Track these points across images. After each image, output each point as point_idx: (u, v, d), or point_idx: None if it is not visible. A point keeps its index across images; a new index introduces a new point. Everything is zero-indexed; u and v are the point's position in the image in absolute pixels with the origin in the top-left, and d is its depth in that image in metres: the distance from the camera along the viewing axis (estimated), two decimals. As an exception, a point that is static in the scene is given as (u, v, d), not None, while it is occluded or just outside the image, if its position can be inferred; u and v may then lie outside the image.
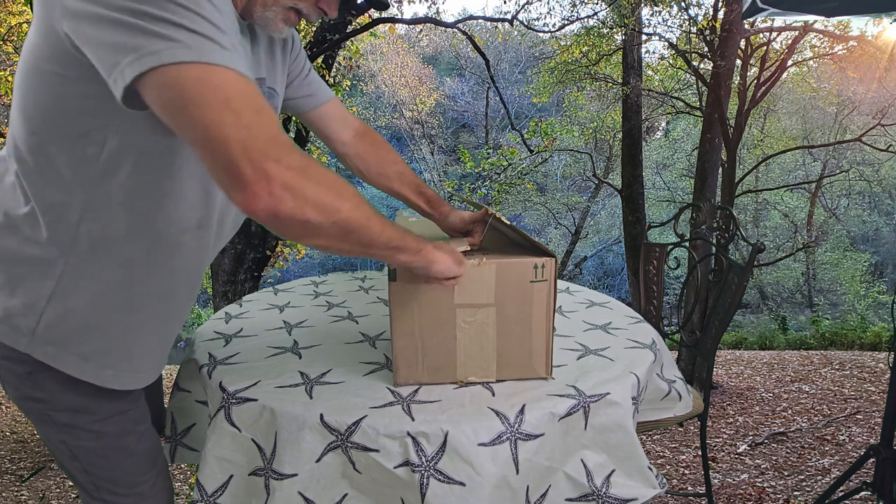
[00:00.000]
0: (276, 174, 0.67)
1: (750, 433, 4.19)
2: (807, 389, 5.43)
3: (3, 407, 7.66)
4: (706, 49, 6.75)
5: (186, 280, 1.01)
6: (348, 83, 6.69)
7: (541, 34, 10.48)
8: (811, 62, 9.67)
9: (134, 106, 0.71)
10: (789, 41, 7.80)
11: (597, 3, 8.01)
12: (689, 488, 3.20)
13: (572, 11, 8.09)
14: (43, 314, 0.91)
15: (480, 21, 10.05)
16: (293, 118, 4.73)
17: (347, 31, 4.77)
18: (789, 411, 4.76)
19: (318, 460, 0.98)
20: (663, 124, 19.15)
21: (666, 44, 7.80)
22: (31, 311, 0.91)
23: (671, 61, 8.82)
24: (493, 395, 1.05)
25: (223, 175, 0.68)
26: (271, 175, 0.67)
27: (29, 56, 0.81)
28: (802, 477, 3.18)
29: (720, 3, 6.54)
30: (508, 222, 1.09)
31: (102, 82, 0.71)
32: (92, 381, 0.96)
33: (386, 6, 1.07)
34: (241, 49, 0.88)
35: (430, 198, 1.28)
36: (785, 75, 9.12)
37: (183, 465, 4.22)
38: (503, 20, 6.62)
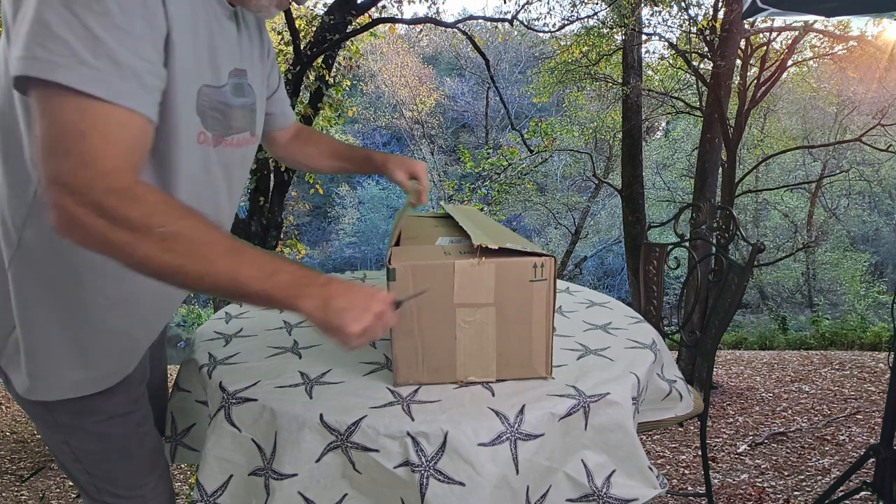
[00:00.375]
0: (64, 203, 0.66)
1: (750, 433, 4.19)
2: (807, 389, 5.43)
3: (3, 407, 7.66)
4: (706, 49, 6.75)
5: (149, 287, 0.87)
6: (348, 83, 6.69)
7: (541, 34, 10.49)
8: (811, 62, 9.67)
9: (22, 91, 0.70)
10: (789, 41, 7.81)
11: (597, 3, 8.01)
12: (689, 488, 3.20)
13: (572, 11, 8.10)
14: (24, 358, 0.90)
15: (480, 21, 10.05)
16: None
17: (347, 31, 4.77)
18: (789, 411, 4.76)
19: (317, 460, 0.98)
20: (663, 124, 19.16)
21: (666, 44, 7.81)
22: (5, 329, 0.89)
23: (671, 61, 8.82)
24: (493, 395, 1.05)
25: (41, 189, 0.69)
26: (60, 203, 0.66)
27: None
28: (802, 477, 3.18)
29: (720, 3, 6.54)
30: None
31: None
32: (78, 394, 0.95)
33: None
34: (207, 28, 0.84)
35: (361, 158, 1.30)
36: (785, 75, 9.12)
37: (183, 465, 4.23)
38: (503, 20, 6.62)
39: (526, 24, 7.64)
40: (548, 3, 13.18)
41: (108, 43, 0.67)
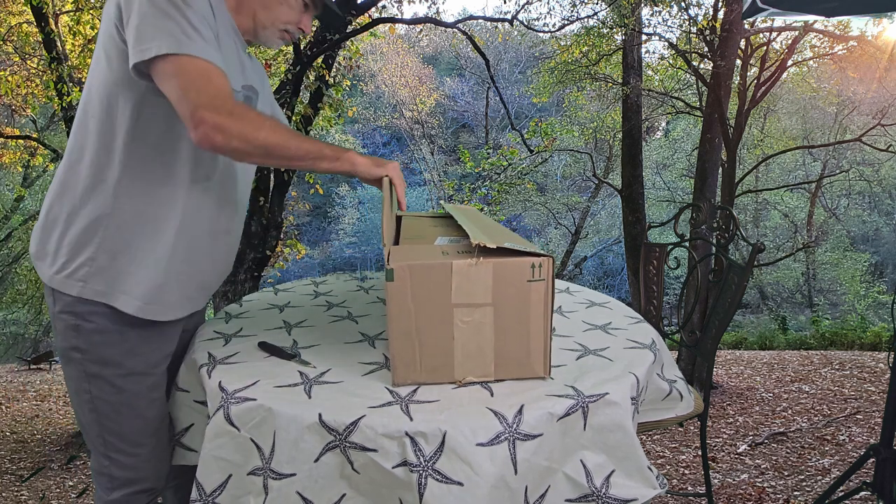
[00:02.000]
0: (209, 119, 1.01)
1: (750, 433, 4.19)
2: (807, 389, 5.43)
3: (3, 407, 7.66)
4: (706, 49, 6.75)
5: (207, 226, 1.24)
6: (348, 83, 6.68)
7: (541, 34, 10.49)
8: (811, 62, 9.67)
9: (142, 77, 1.06)
10: (789, 41, 7.80)
11: (597, 3, 8.01)
12: (689, 488, 3.20)
13: (572, 11, 8.09)
14: (93, 260, 1.15)
15: (480, 21, 10.05)
16: (294, 118, 4.72)
17: (347, 31, 4.77)
18: (789, 411, 4.75)
19: (316, 460, 0.98)
20: (663, 124, 19.16)
21: (666, 44, 7.80)
22: (81, 262, 1.15)
23: (671, 61, 8.82)
24: (492, 395, 1.05)
25: (184, 122, 1.04)
26: (206, 120, 1.01)
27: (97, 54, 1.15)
28: (802, 477, 3.18)
29: (720, 3, 6.54)
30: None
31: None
32: (133, 312, 1.17)
33: (343, 21, 1.42)
34: (229, 49, 1.20)
35: None
36: (785, 75, 9.12)
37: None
38: (503, 20, 6.61)
39: (526, 24, 7.64)
40: (548, 3, 13.20)
41: (203, 33, 1.06)
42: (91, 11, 6.11)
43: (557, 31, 8.26)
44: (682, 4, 6.90)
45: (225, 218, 1.27)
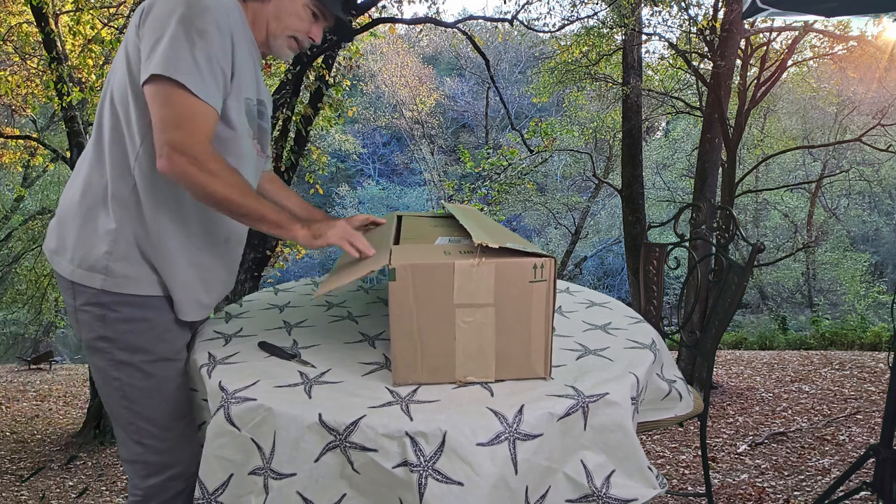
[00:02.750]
0: (174, 160, 1.07)
1: (750, 433, 4.19)
2: (807, 389, 5.43)
3: (3, 407, 7.66)
4: (706, 49, 6.75)
5: (212, 229, 1.29)
6: (348, 83, 6.68)
7: (541, 34, 10.49)
8: (811, 62, 9.66)
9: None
10: (789, 41, 7.80)
11: (597, 3, 8.00)
12: (689, 488, 3.20)
13: (572, 11, 8.09)
14: (112, 253, 1.19)
15: (480, 21, 10.05)
16: (294, 118, 4.72)
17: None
18: (789, 411, 4.75)
19: (316, 460, 0.98)
20: (663, 124, 19.15)
21: (666, 44, 7.80)
22: (102, 254, 1.19)
23: (671, 61, 8.81)
24: (492, 395, 1.05)
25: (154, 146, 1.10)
26: (171, 159, 1.08)
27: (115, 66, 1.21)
28: (802, 477, 3.18)
29: (720, 3, 6.54)
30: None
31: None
32: (153, 293, 1.23)
33: (350, 33, 1.42)
34: (247, 66, 1.26)
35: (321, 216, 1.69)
36: (785, 75, 9.11)
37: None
38: (503, 20, 6.61)
39: (526, 24, 7.63)
40: (548, 3, 13.19)
41: (204, 70, 1.11)
42: (91, 11, 6.11)
43: (557, 31, 8.26)
44: (682, 4, 6.90)
45: (236, 224, 1.31)
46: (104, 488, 4.27)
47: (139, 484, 1.27)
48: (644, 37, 8.05)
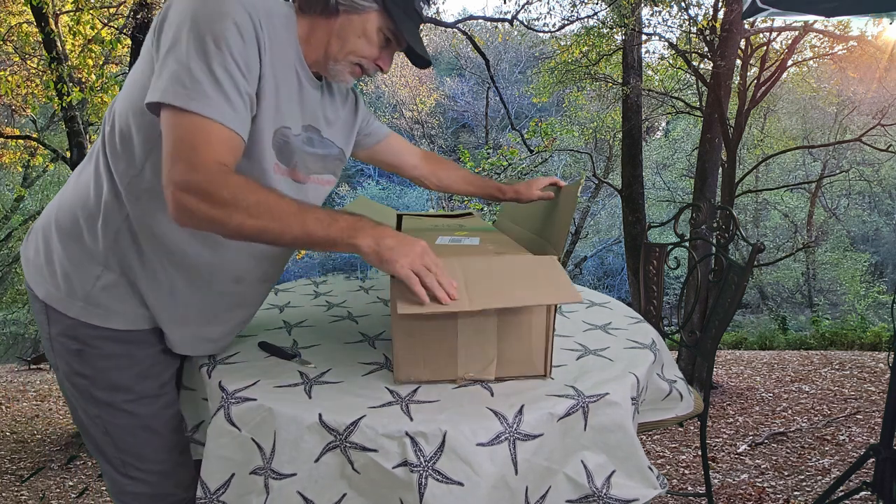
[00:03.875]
0: (178, 198, 0.89)
1: (750, 433, 4.19)
2: (807, 389, 5.43)
3: (3, 407, 7.66)
4: (706, 49, 6.75)
5: (219, 271, 1.12)
6: (348, 83, 6.65)
7: (541, 34, 10.48)
8: (811, 62, 9.66)
9: (154, 111, 0.94)
10: (789, 41, 7.80)
11: (597, 3, 8.01)
12: (689, 488, 3.20)
13: (572, 11, 8.09)
14: (97, 282, 1.07)
15: (480, 21, 10.05)
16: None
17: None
18: (789, 411, 4.75)
19: (316, 460, 0.98)
20: (663, 124, 19.14)
21: (666, 44, 7.80)
22: (87, 279, 1.07)
23: (671, 61, 8.81)
24: (492, 395, 1.05)
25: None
26: (175, 198, 0.90)
27: (129, 80, 1.04)
28: (802, 477, 3.18)
29: (720, 3, 6.54)
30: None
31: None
32: (146, 325, 1.11)
33: (427, 64, 1.21)
34: (288, 86, 1.08)
35: (490, 187, 1.53)
36: (785, 75, 9.10)
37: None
38: (503, 20, 6.62)
39: (526, 24, 7.64)
40: (548, 3, 13.20)
41: (224, 84, 0.93)
42: (91, 11, 6.11)
43: (557, 31, 8.26)
44: (682, 4, 6.90)
45: (252, 265, 1.16)
46: (104, 488, 4.27)
47: None
48: (644, 37, 8.04)
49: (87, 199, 1.07)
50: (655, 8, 7.09)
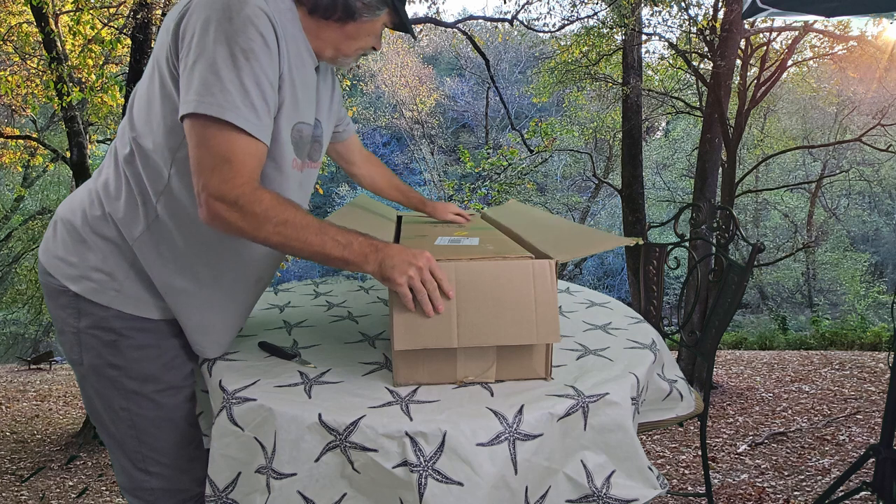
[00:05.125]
0: (212, 206, 0.96)
1: (750, 433, 4.19)
2: (807, 389, 5.43)
3: (3, 407, 7.66)
4: (706, 49, 6.75)
5: (237, 266, 1.17)
6: (348, 83, 6.68)
7: (541, 34, 10.48)
8: (811, 62, 9.67)
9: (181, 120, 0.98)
10: (789, 41, 7.80)
11: (597, 3, 8.01)
12: (689, 488, 3.20)
13: (572, 11, 8.10)
14: (129, 269, 1.11)
15: (480, 21, 10.05)
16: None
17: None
18: (789, 411, 4.76)
19: (316, 460, 0.98)
20: (663, 124, 19.15)
21: (666, 44, 7.80)
22: (118, 269, 1.11)
23: (671, 61, 8.82)
24: (492, 395, 1.05)
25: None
26: (210, 206, 0.96)
27: (141, 85, 1.10)
28: (802, 477, 3.18)
29: (720, 3, 6.54)
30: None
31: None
32: (162, 317, 1.15)
33: (411, 33, 1.26)
34: (304, 81, 1.12)
35: (414, 199, 1.66)
36: (785, 75, 9.11)
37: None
38: (503, 20, 6.62)
39: (526, 24, 7.64)
40: (548, 3, 13.21)
41: (252, 95, 0.96)
42: (91, 11, 6.11)
43: (557, 31, 8.27)
44: (682, 4, 6.91)
45: (270, 265, 1.24)
46: (104, 488, 4.27)
47: None
48: (644, 37, 8.05)
49: (112, 196, 1.11)
50: (655, 8, 7.09)
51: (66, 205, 1.17)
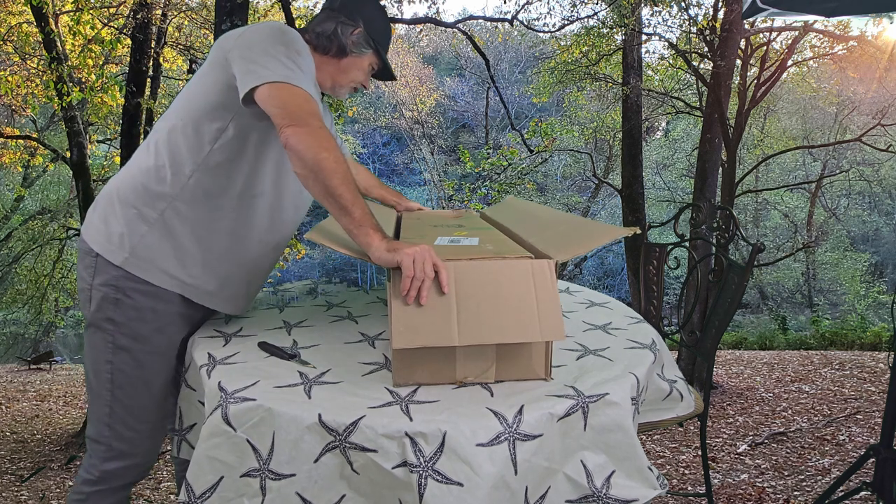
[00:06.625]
0: (295, 128, 1.16)
1: (750, 433, 4.19)
2: (807, 389, 5.43)
3: (3, 407, 7.66)
4: (706, 49, 6.75)
5: (256, 234, 1.37)
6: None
7: (541, 34, 10.48)
8: (811, 62, 9.66)
9: (248, 104, 1.22)
10: (789, 41, 7.80)
11: (597, 3, 8.01)
12: (689, 488, 3.20)
13: (572, 11, 8.09)
14: (144, 237, 1.27)
15: (480, 21, 10.05)
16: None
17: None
18: (789, 411, 4.75)
19: (316, 461, 0.98)
20: (663, 124, 19.14)
21: (666, 44, 7.80)
22: (135, 235, 1.27)
23: (671, 61, 8.81)
24: (492, 395, 1.05)
25: (277, 128, 1.19)
26: (292, 127, 1.16)
27: (194, 81, 1.35)
28: (802, 477, 3.18)
29: (720, 3, 6.53)
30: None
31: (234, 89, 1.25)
32: (174, 289, 1.30)
33: (393, 78, 1.58)
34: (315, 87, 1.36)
35: (389, 199, 1.82)
36: (785, 75, 9.10)
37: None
38: (503, 20, 6.62)
39: (526, 24, 7.64)
40: (548, 3, 13.20)
41: (308, 74, 1.27)
42: (91, 11, 6.11)
43: (557, 31, 8.26)
44: (682, 4, 6.90)
45: (275, 234, 1.41)
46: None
47: (97, 465, 1.32)
48: (644, 37, 8.04)
49: (149, 176, 1.29)
50: (655, 8, 7.09)
51: (110, 182, 1.37)
